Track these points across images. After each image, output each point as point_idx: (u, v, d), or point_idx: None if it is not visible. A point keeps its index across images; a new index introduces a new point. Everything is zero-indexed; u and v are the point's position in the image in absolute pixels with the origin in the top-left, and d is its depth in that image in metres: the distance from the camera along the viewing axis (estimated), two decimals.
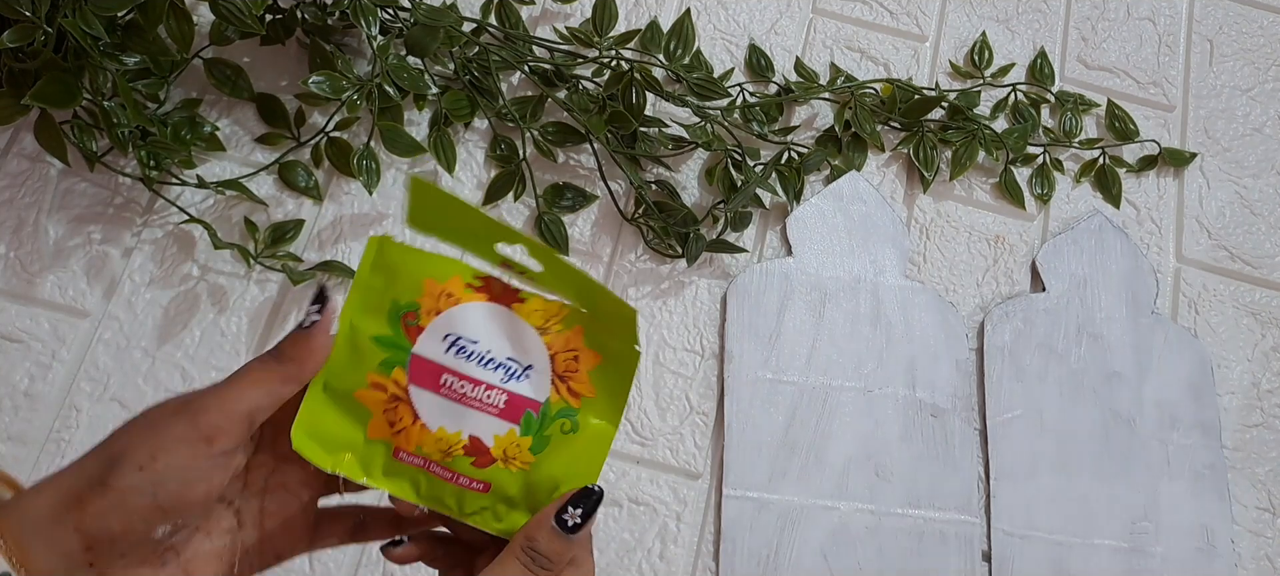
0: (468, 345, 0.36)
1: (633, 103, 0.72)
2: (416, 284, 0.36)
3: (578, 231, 0.73)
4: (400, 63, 0.70)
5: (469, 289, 0.37)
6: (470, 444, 0.36)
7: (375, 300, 0.36)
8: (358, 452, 0.36)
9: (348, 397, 0.36)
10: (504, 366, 0.36)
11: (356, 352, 0.36)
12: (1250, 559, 0.67)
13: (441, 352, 0.36)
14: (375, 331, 0.36)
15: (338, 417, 0.36)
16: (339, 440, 0.36)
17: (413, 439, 0.36)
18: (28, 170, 0.71)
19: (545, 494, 0.36)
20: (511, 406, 0.36)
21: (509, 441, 0.36)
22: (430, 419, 0.36)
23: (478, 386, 0.36)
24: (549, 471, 0.36)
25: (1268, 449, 0.70)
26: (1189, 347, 0.72)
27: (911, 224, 0.76)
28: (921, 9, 0.84)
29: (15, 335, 0.67)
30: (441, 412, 0.36)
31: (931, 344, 0.71)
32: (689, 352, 0.70)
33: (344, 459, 0.36)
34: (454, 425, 0.36)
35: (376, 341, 0.36)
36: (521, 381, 0.36)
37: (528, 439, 0.36)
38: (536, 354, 0.37)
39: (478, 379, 0.36)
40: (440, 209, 0.36)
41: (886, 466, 0.67)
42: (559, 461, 0.36)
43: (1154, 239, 0.77)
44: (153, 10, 0.64)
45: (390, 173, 0.73)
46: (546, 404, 0.36)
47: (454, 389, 0.36)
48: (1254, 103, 0.83)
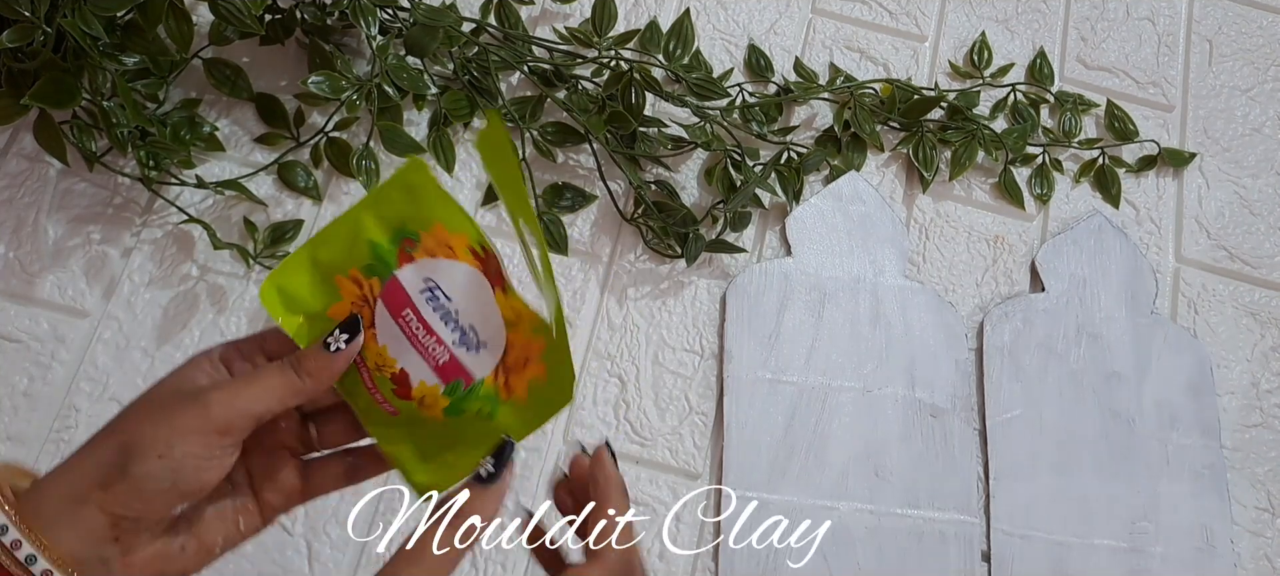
0: (441, 297, 0.38)
1: (632, 103, 0.72)
2: (428, 219, 0.38)
3: (577, 231, 0.73)
4: (400, 63, 0.70)
5: (469, 252, 0.38)
6: (400, 375, 0.38)
7: (388, 210, 0.38)
8: (311, 322, 0.39)
9: (329, 275, 0.38)
10: (462, 331, 0.38)
11: (353, 243, 0.38)
12: (1249, 558, 0.67)
13: (417, 290, 0.38)
14: (375, 237, 0.38)
15: (311, 286, 0.39)
16: (301, 304, 0.39)
17: None
18: (27, 170, 0.71)
19: (433, 452, 0.39)
20: (449, 367, 0.38)
21: (432, 393, 0.38)
22: (381, 334, 0.38)
23: (430, 335, 0.38)
24: (449, 437, 0.38)
25: (1267, 449, 0.70)
26: (1188, 347, 0.72)
27: (911, 224, 0.76)
28: (921, 9, 0.84)
29: (14, 335, 0.67)
30: (391, 337, 0.38)
31: (931, 344, 0.71)
32: (688, 353, 0.70)
33: (297, 320, 0.39)
34: (395, 352, 0.38)
35: (372, 245, 0.38)
36: (470, 353, 0.38)
37: (447, 401, 0.38)
38: (495, 338, 0.38)
39: (433, 329, 0.38)
40: (504, 156, 0.37)
41: (886, 466, 0.67)
42: (459, 436, 0.38)
43: (1153, 239, 0.77)
44: (152, 10, 0.64)
45: (390, 172, 0.73)
46: (479, 382, 0.38)
47: (410, 325, 0.38)
48: (1253, 103, 0.83)
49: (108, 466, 0.35)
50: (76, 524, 0.34)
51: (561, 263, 0.72)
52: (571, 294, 0.71)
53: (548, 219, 0.72)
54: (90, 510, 0.34)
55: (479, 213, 0.73)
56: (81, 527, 0.34)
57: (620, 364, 0.69)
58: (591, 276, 0.71)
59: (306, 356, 0.37)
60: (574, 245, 0.72)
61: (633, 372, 0.69)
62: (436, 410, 0.38)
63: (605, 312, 0.70)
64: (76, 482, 0.35)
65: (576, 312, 0.70)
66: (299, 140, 0.73)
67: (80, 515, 0.34)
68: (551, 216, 0.72)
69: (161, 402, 0.36)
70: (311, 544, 0.63)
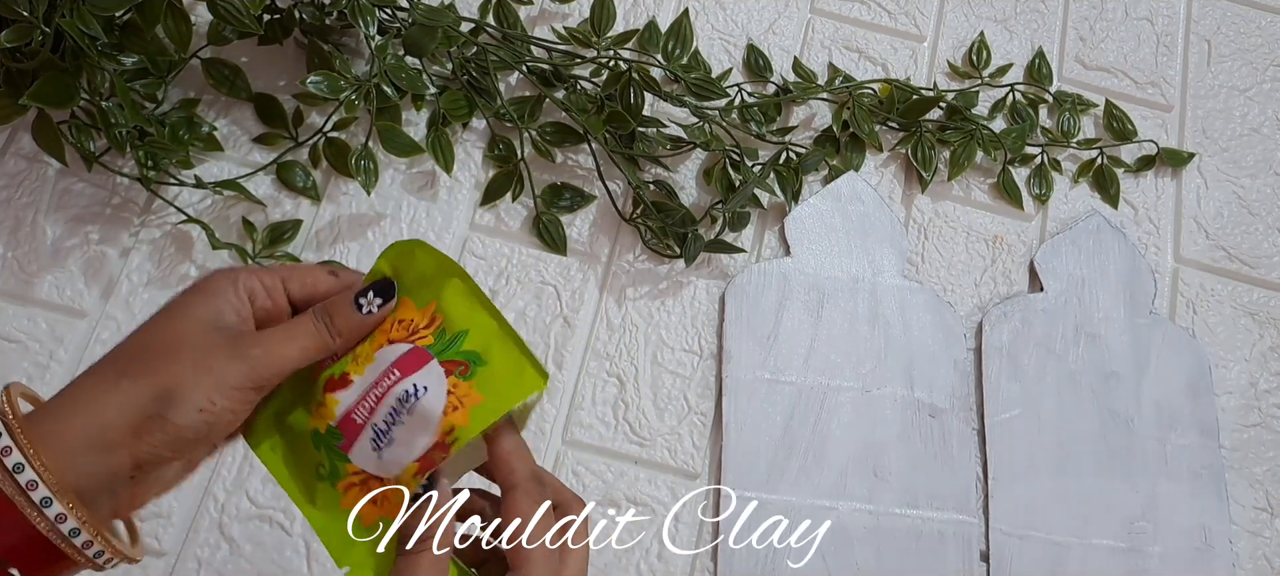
0: (407, 408, 0.38)
1: (631, 103, 0.72)
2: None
3: (576, 232, 0.73)
4: (398, 63, 0.70)
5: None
6: (340, 380, 0.39)
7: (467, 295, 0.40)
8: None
9: (422, 291, 0.40)
10: (384, 436, 0.38)
11: (440, 288, 0.40)
12: (1248, 558, 0.67)
13: (414, 385, 0.38)
14: (457, 318, 0.39)
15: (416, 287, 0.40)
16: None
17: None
18: (25, 170, 0.71)
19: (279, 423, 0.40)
20: (351, 430, 0.38)
21: (328, 410, 0.39)
22: (380, 355, 0.39)
23: (375, 403, 0.38)
24: (300, 448, 0.40)
25: (1265, 449, 0.70)
26: (1187, 347, 0.72)
27: (909, 224, 0.76)
28: (919, 9, 0.84)
29: (13, 335, 0.67)
30: (375, 371, 0.38)
31: (930, 344, 0.71)
32: (687, 353, 0.70)
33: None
34: (365, 374, 0.39)
35: (446, 317, 0.39)
36: (376, 452, 0.38)
37: (322, 426, 0.39)
38: (413, 446, 0.38)
39: (378, 405, 0.38)
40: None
41: (885, 466, 0.67)
42: (302, 454, 0.39)
43: (1152, 239, 0.77)
44: (150, 10, 0.64)
45: (388, 172, 0.73)
46: (345, 461, 0.39)
47: (382, 386, 0.38)
48: (1252, 103, 0.83)
49: (143, 413, 0.34)
50: (100, 464, 0.33)
51: (560, 263, 0.72)
52: (570, 294, 0.71)
53: (546, 219, 0.72)
54: (119, 456, 0.34)
55: (477, 213, 0.73)
56: (103, 467, 0.34)
57: (619, 364, 0.69)
58: (590, 276, 0.71)
59: (337, 314, 0.38)
60: (573, 245, 0.72)
61: (631, 372, 0.69)
62: (317, 421, 0.38)
63: (604, 312, 0.70)
64: (108, 426, 0.34)
65: (575, 313, 0.70)
66: (298, 140, 0.73)
67: (107, 459, 0.34)
68: (550, 216, 0.72)
69: (198, 345, 0.35)
70: (311, 544, 0.62)
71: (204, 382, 0.34)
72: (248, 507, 0.63)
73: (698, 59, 0.79)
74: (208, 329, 0.36)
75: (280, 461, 0.39)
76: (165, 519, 0.62)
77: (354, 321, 0.38)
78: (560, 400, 0.68)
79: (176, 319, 0.36)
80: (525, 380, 0.39)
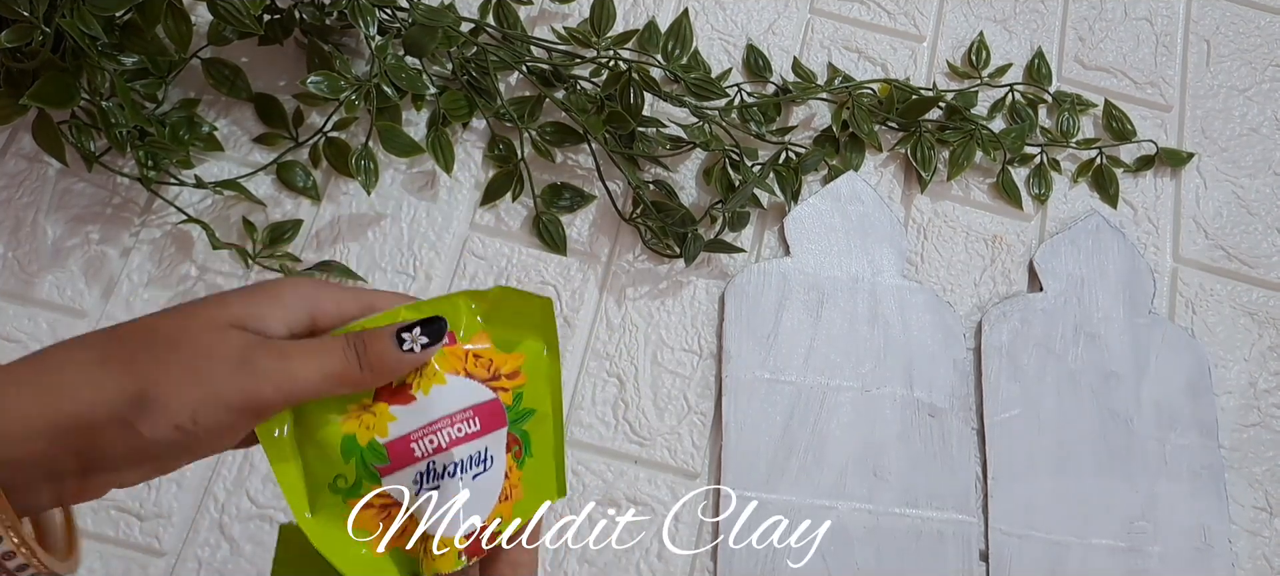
0: (466, 478, 0.35)
1: (631, 103, 0.72)
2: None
3: (576, 231, 0.73)
4: (398, 63, 0.70)
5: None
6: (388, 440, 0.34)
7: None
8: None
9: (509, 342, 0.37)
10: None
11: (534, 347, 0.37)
12: (1247, 558, 0.67)
13: (478, 451, 0.35)
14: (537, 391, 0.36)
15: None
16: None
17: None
18: (26, 170, 0.71)
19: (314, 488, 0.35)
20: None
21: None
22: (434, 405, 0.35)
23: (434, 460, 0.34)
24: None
25: (1265, 449, 0.70)
26: (1186, 347, 0.72)
27: (909, 224, 0.76)
28: (919, 9, 0.84)
29: (13, 335, 0.67)
30: (431, 417, 0.34)
31: (929, 344, 0.71)
32: (687, 352, 0.70)
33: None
34: (406, 424, 0.34)
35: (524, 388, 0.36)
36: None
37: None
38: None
39: (445, 476, 0.34)
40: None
41: (884, 466, 0.67)
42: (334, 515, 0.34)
43: (1151, 239, 0.77)
44: (151, 10, 0.64)
45: (388, 173, 0.73)
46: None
47: (444, 443, 0.34)
48: (1251, 103, 0.83)
49: (110, 413, 0.28)
50: (46, 453, 0.28)
51: (560, 262, 0.72)
52: (570, 294, 0.71)
53: (546, 219, 0.72)
54: (64, 453, 0.28)
55: (477, 212, 0.73)
56: (48, 458, 0.28)
57: (619, 363, 0.69)
58: (590, 276, 0.71)
59: (373, 344, 0.32)
60: (572, 245, 0.72)
61: (631, 372, 0.69)
62: (358, 428, 0.33)
63: (604, 312, 0.71)
64: (64, 414, 0.28)
65: (575, 312, 0.70)
66: (298, 140, 0.73)
67: (55, 449, 0.28)
68: (550, 216, 0.72)
69: (201, 346, 0.29)
70: None
71: (190, 394, 0.29)
72: (248, 507, 0.63)
73: (697, 59, 0.79)
74: (224, 328, 0.30)
75: (286, 449, 0.33)
76: (165, 519, 0.62)
77: (390, 357, 0.32)
78: None
79: (194, 311, 0.31)
80: (551, 486, 0.37)
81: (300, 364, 0.30)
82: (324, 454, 0.33)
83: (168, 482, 0.63)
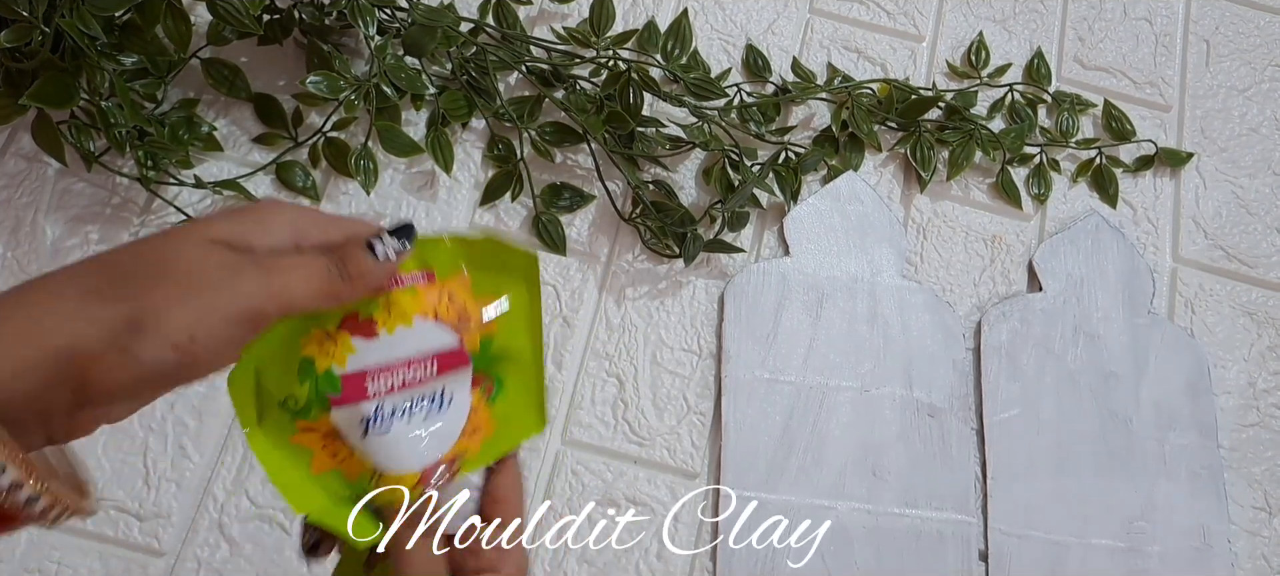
0: (436, 409, 0.35)
1: (630, 103, 0.72)
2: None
3: (575, 231, 0.73)
4: (398, 63, 0.70)
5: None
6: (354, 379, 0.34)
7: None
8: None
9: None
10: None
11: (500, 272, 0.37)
12: (1247, 558, 0.67)
13: (449, 385, 0.35)
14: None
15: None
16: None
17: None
18: (25, 170, 0.71)
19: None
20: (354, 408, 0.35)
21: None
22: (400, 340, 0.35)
23: (398, 393, 0.35)
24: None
25: (1264, 449, 0.71)
26: (1186, 347, 0.72)
27: (908, 224, 0.76)
28: (918, 9, 0.84)
29: None
30: (397, 347, 0.35)
31: (928, 344, 0.71)
32: (686, 352, 0.70)
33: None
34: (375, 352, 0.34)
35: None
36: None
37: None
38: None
39: (405, 404, 0.35)
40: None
41: (884, 466, 0.67)
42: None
43: (1151, 239, 0.77)
44: (150, 10, 0.64)
45: (388, 172, 0.73)
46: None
47: (405, 374, 0.35)
48: (1250, 103, 0.83)
49: (106, 344, 0.27)
50: (39, 392, 0.27)
51: (560, 262, 0.72)
52: (569, 294, 0.71)
53: (546, 219, 0.72)
54: (63, 388, 0.27)
55: (476, 212, 0.73)
56: (41, 397, 0.27)
57: (618, 363, 0.69)
58: (589, 276, 0.71)
59: (350, 259, 0.32)
60: (572, 245, 0.72)
61: (631, 372, 0.69)
62: (318, 352, 0.34)
63: (603, 312, 0.71)
64: (59, 351, 0.27)
65: (574, 312, 0.70)
66: (297, 140, 0.73)
67: (48, 389, 0.27)
68: (549, 216, 0.72)
69: (192, 264, 0.29)
70: None
71: (186, 311, 0.28)
72: (248, 507, 0.63)
73: (697, 59, 0.79)
74: (212, 247, 0.30)
75: (243, 360, 0.33)
76: (165, 519, 0.62)
77: (367, 265, 0.32)
78: (559, 400, 0.68)
79: (179, 233, 0.30)
80: (531, 421, 0.37)
81: (290, 276, 0.30)
82: (281, 371, 0.33)
83: (167, 482, 0.63)
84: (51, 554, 0.61)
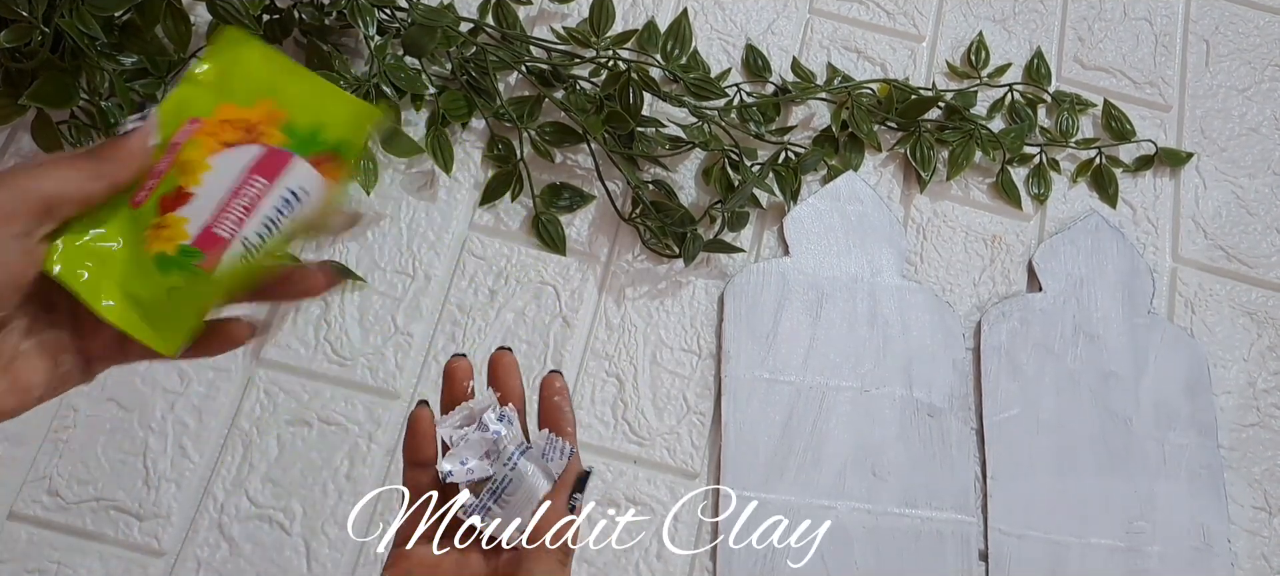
0: (291, 207, 0.37)
1: (630, 103, 0.72)
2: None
3: (575, 231, 0.73)
4: (398, 63, 0.70)
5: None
6: (177, 195, 0.35)
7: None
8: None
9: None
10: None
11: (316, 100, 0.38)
12: (1246, 558, 0.67)
13: (289, 186, 0.36)
14: (310, 120, 0.38)
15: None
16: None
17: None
18: None
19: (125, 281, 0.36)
20: (211, 242, 0.36)
21: (176, 229, 0.36)
22: (218, 164, 0.36)
23: (243, 212, 0.36)
24: (145, 276, 0.36)
25: (1264, 448, 0.71)
26: (1185, 347, 0.72)
27: (908, 224, 0.76)
28: (918, 9, 0.85)
29: None
30: (222, 174, 0.36)
31: (928, 344, 0.71)
32: (686, 352, 0.70)
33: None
34: (205, 183, 0.36)
35: (304, 122, 0.37)
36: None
37: (173, 249, 0.36)
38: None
39: (250, 212, 0.36)
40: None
41: (883, 466, 0.67)
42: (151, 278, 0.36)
43: (1150, 239, 0.77)
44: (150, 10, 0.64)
45: (388, 172, 0.73)
46: (202, 269, 0.36)
47: (246, 190, 0.36)
48: (1250, 102, 0.83)
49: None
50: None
51: (559, 262, 0.72)
52: (569, 294, 0.71)
53: (546, 219, 0.72)
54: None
55: (477, 212, 0.73)
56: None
57: (618, 363, 0.69)
58: (589, 276, 0.71)
59: (100, 145, 0.34)
60: (572, 245, 0.72)
61: (630, 372, 0.69)
62: (162, 244, 0.35)
63: (603, 312, 0.71)
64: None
65: (574, 312, 0.70)
66: None
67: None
68: (549, 216, 0.72)
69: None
70: (310, 543, 0.63)
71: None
72: (248, 507, 0.63)
73: (697, 59, 0.79)
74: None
75: (105, 290, 0.35)
76: (165, 519, 0.62)
77: (113, 143, 0.34)
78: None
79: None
80: (366, 117, 0.39)
81: (29, 169, 0.32)
82: (148, 282, 0.35)
83: (167, 482, 0.63)
84: (51, 554, 0.61)
